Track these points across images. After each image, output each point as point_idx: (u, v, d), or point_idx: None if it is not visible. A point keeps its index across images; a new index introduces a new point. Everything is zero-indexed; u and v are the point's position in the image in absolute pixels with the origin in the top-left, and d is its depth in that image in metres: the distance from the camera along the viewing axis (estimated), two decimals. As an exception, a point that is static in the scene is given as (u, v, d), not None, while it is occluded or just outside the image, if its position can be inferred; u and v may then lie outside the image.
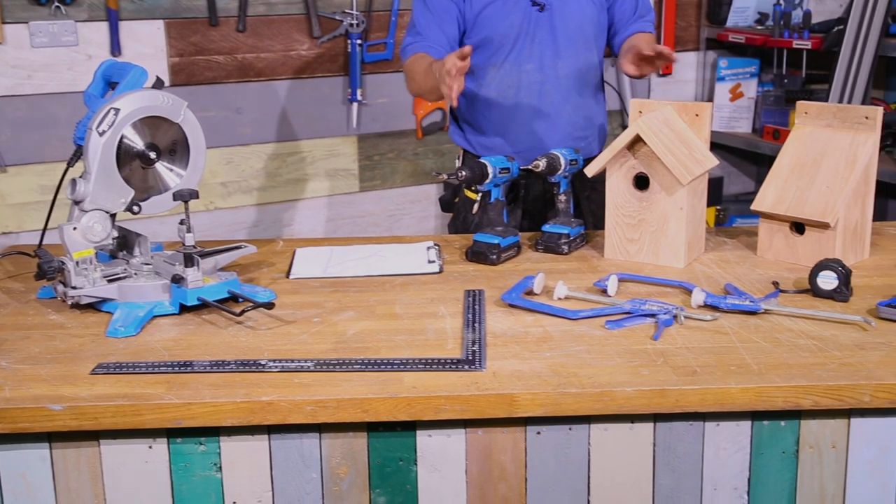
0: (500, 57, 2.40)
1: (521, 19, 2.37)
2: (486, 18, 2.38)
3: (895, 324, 1.68)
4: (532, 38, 2.38)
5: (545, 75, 2.41)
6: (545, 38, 2.39)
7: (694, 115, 2.09)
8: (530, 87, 2.42)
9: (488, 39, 2.39)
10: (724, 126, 4.44)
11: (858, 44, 3.77)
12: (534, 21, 2.38)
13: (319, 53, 3.64)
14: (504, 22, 2.37)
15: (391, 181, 3.95)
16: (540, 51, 2.39)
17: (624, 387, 1.48)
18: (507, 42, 2.39)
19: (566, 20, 2.39)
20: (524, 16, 2.37)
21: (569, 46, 2.40)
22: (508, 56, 2.40)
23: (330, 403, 1.46)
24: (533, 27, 2.38)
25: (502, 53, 2.40)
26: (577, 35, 2.41)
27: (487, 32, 2.39)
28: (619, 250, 2.09)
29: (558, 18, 2.38)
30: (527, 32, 2.38)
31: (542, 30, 2.38)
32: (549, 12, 2.38)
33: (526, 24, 2.38)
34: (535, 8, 2.37)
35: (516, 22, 2.37)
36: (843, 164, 1.98)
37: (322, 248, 2.20)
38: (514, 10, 2.37)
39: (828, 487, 1.54)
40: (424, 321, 1.76)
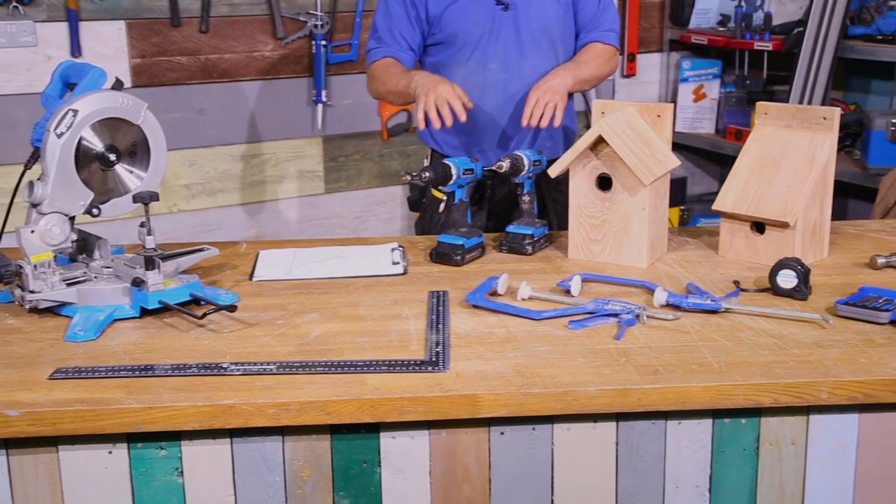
0: (465, 55, 2.41)
1: (485, 18, 2.38)
2: (449, 16, 2.39)
3: (853, 322, 1.70)
4: (496, 37, 2.39)
5: (510, 74, 2.41)
6: (509, 37, 2.39)
7: (656, 116, 2.11)
8: (495, 87, 2.42)
9: (452, 37, 2.40)
10: (688, 127, 4.48)
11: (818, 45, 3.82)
12: (498, 20, 2.38)
13: (284, 54, 3.63)
14: (468, 20, 2.38)
15: (357, 183, 3.94)
16: (504, 50, 2.40)
17: (586, 386, 1.48)
18: (471, 40, 2.39)
19: (530, 20, 2.40)
20: (488, 14, 2.38)
21: (533, 46, 2.41)
22: (473, 54, 2.40)
23: (292, 406, 1.45)
24: (497, 26, 2.39)
25: (466, 52, 2.40)
26: (542, 35, 2.42)
27: (451, 30, 2.39)
28: (582, 250, 2.10)
29: (522, 18, 2.39)
30: (491, 31, 2.39)
31: (506, 29, 2.39)
32: (513, 11, 2.38)
33: (490, 23, 2.38)
34: (499, 7, 2.37)
35: (480, 21, 2.38)
36: (801, 165, 2.01)
37: (285, 250, 2.19)
38: (479, 8, 2.38)
39: (787, 483, 1.56)
40: (388, 323, 1.75)
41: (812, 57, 3.84)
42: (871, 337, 1.64)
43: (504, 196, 2.51)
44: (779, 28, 4.10)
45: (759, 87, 4.32)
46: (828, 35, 3.79)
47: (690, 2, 4.40)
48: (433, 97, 2.19)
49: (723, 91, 4.41)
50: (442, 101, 2.18)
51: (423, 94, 2.22)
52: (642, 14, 4.39)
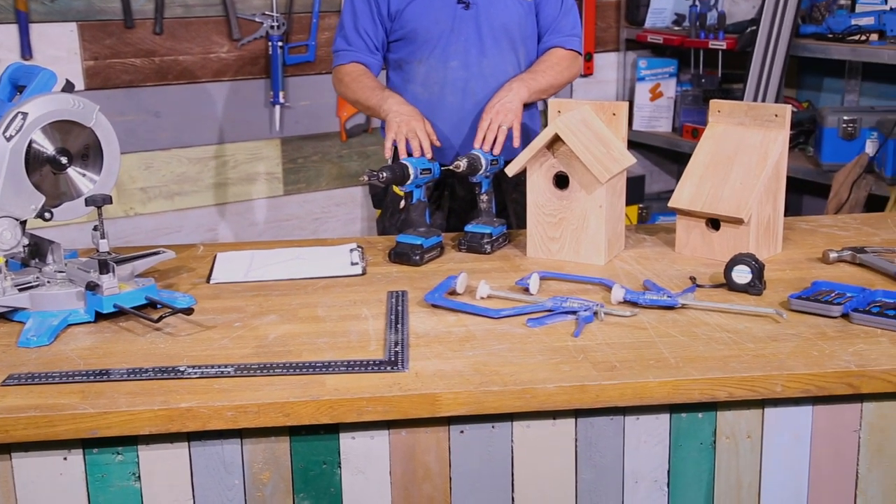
0: (425, 52, 2.41)
1: (446, 16, 2.38)
2: (410, 14, 2.38)
3: (806, 315, 1.73)
4: (457, 35, 2.39)
5: (470, 73, 2.42)
6: (470, 35, 2.40)
7: (611, 115, 2.12)
8: (455, 84, 2.42)
9: (413, 34, 2.39)
10: (645, 125, 4.52)
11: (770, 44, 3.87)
12: (459, 18, 2.38)
13: (240, 56, 3.60)
14: (428, 17, 2.38)
15: (316, 184, 3.93)
16: (465, 48, 2.40)
17: (545, 384, 1.49)
18: (431, 38, 2.39)
19: (491, 19, 2.40)
20: (449, 12, 2.38)
21: (494, 45, 2.42)
22: (433, 52, 2.40)
23: (251, 408, 1.44)
24: (458, 24, 2.39)
25: (427, 49, 2.40)
26: (502, 35, 2.42)
27: (412, 27, 2.39)
28: (540, 249, 2.11)
29: (483, 16, 2.39)
30: (452, 29, 2.39)
31: (467, 27, 2.39)
32: (474, 10, 2.38)
33: (451, 21, 2.38)
34: (460, 5, 2.37)
35: (441, 18, 2.38)
36: (754, 161, 2.03)
37: (243, 252, 2.17)
38: (440, 6, 2.37)
39: (744, 476, 1.58)
40: (347, 323, 1.75)
41: (765, 55, 3.89)
42: (823, 330, 1.66)
43: (464, 195, 2.51)
44: (732, 27, 4.15)
45: (715, 85, 4.37)
46: (780, 34, 3.84)
47: (646, 1, 4.44)
48: (405, 130, 2.21)
49: (679, 90, 4.46)
50: (412, 136, 2.20)
51: (396, 125, 2.23)
52: (598, 14, 4.43)
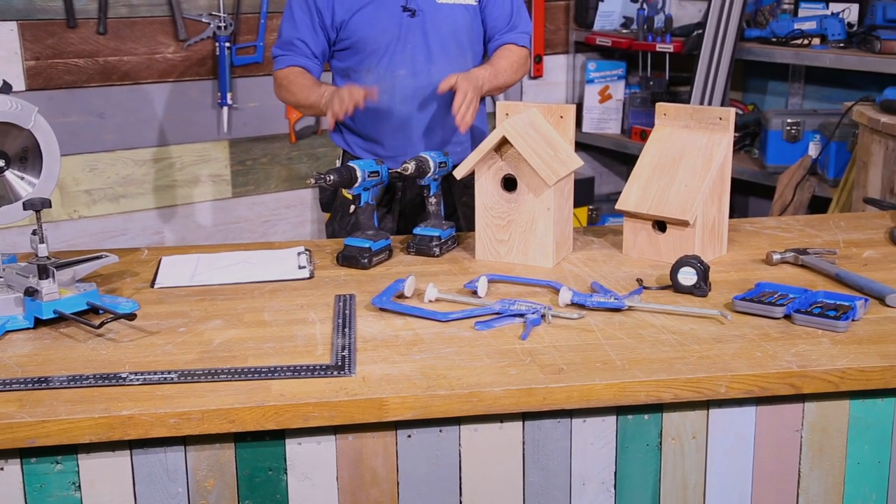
0: (373, 62, 2.39)
1: (392, 25, 2.37)
2: (356, 24, 2.37)
3: (750, 316, 1.75)
4: (404, 43, 2.38)
5: (419, 81, 2.41)
6: (417, 43, 2.39)
7: (559, 117, 2.13)
8: (404, 93, 2.41)
9: (360, 43, 2.38)
10: (594, 127, 4.56)
11: (716, 48, 3.93)
12: (405, 27, 2.37)
13: (186, 56, 3.56)
14: (375, 27, 2.36)
15: (265, 186, 3.90)
16: (412, 56, 2.39)
17: (492, 387, 1.49)
18: (379, 47, 2.38)
19: (438, 26, 2.39)
20: (395, 21, 2.37)
21: (441, 53, 2.41)
22: (381, 61, 2.39)
23: (194, 415, 1.42)
24: (405, 33, 2.38)
25: (374, 58, 2.39)
26: (450, 41, 2.42)
27: (359, 36, 2.37)
28: (489, 251, 2.11)
29: (430, 24, 2.39)
30: (398, 38, 2.38)
31: (414, 36, 2.38)
32: (420, 18, 2.37)
33: (397, 30, 2.37)
34: (406, 14, 2.36)
35: (387, 27, 2.37)
36: (700, 164, 2.06)
37: (189, 255, 2.14)
38: (386, 15, 2.36)
39: (690, 476, 1.59)
40: (294, 328, 1.73)
41: (711, 58, 3.95)
42: (766, 331, 1.69)
43: (414, 198, 2.50)
44: (679, 30, 4.20)
45: (663, 87, 4.42)
46: (725, 37, 3.90)
47: (594, 4, 4.48)
48: (336, 99, 2.23)
49: (627, 92, 4.50)
50: (341, 98, 2.22)
51: (328, 102, 2.27)
52: (548, 16, 4.45)
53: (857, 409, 1.59)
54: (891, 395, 1.59)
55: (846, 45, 3.74)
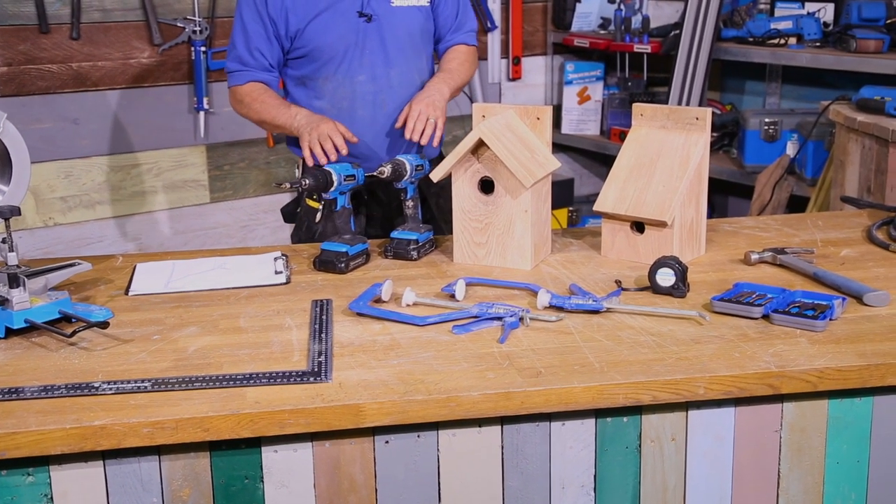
0: (331, 69, 2.37)
1: (348, 31, 2.34)
2: (311, 32, 2.34)
3: (728, 317, 1.75)
4: (361, 49, 2.36)
5: (378, 86, 2.39)
6: (375, 48, 2.37)
7: (535, 119, 2.12)
8: (364, 98, 2.39)
9: (317, 51, 2.35)
10: (574, 129, 4.56)
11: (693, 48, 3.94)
12: (362, 32, 2.35)
13: (161, 61, 3.53)
14: (331, 34, 2.34)
15: (243, 191, 3.87)
16: (371, 61, 2.37)
17: (470, 391, 1.48)
18: (336, 54, 2.35)
19: (395, 29, 2.38)
20: (351, 27, 2.34)
21: (399, 56, 2.40)
22: (339, 68, 2.37)
23: (168, 424, 1.40)
24: (362, 38, 2.35)
25: (332, 65, 2.36)
26: (407, 43, 2.41)
27: (315, 45, 2.35)
28: (467, 254, 2.10)
29: (386, 28, 2.37)
30: (355, 44, 2.35)
31: (371, 41, 2.36)
32: (376, 22, 2.35)
33: (354, 36, 2.35)
34: (362, 19, 2.34)
35: (344, 33, 2.34)
36: (677, 164, 2.05)
37: (164, 262, 2.12)
38: (341, 21, 2.33)
39: (669, 478, 1.59)
40: (270, 334, 1.71)
41: (688, 59, 3.95)
42: (745, 332, 1.68)
43: (388, 202, 2.49)
44: (657, 31, 4.21)
45: (641, 88, 4.43)
46: (702, 38, 3.91)
47: (572, 5, 4.48)
48: (316, 135, 2.23)
49: (606, 93, 4.51)
50: (325, 138, 2.21)
51: (307, 133, 2.26)
52: (526, 18, 4.45)
53: (835, 408, 1.59)
54: (868, 394, 1.59)
55: (822, 44, 3.76)
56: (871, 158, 2.82)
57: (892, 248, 2.10)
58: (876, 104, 2.86)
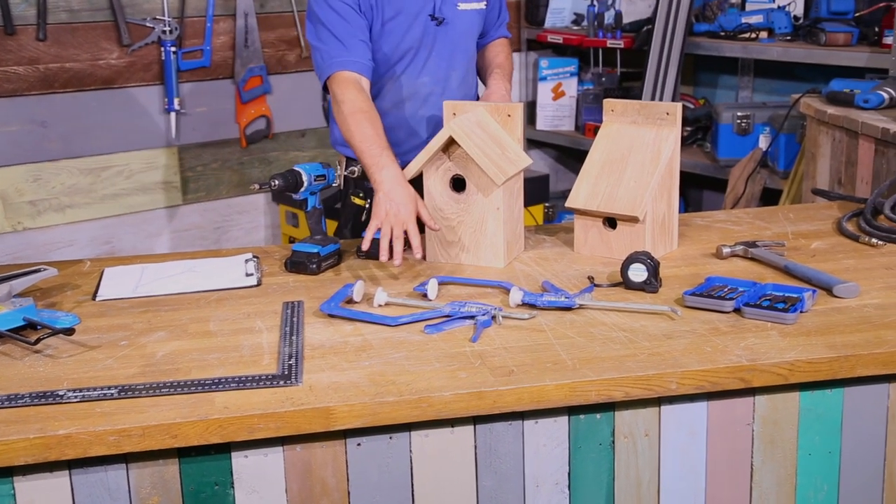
0: (399, 70, 2.33)
1: (421, 32, 2.31)
2: (388, 33, 2.28)
3: (700, 311, 1.75)
4: (429, 51, 2.34)
5: (439, 87, 2.36)
6: (441, 51, 2.34)
7: (506, 116, 2.11)
8: (426, 99, 2.35)
9: (388, 51, 2.30)
10: (549, 125, 4.55)
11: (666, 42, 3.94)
12: (431, 35, 2.33)
13: (131, 62, 3.49)
14: (406, 35, 2.31)
15: (216, 192, 3.84)
16: (436, 63, 2.35)
17: (442, 391, 1.47)
18: (406, 56, 2.32)
19: (460, 32, 2.36)
20: (424, 29, 2.32)
21: (461, 57, 2.38)
22: (407, 68, 2.33)
23: (135, 431, 1.38)
24: (430, 41, 2.33)
25: (400, 67, 2.32)
26: (469, 45, 2.40)
27: (388, 44, 2.29)
28: (439, 253, 2.08)
29: (453, 31, 2.35)
30: (425, 45, 2.33)
31: (439, 43, 2.34)
32: (445, 26, 2.34)
33: (425, 38, 2.33)
34: (433, 22, 2.32)
35: (417, 35, 2.31)
36: (648, 160, 2.05)
37: (133, 266, 2.09)
38: (416, 23, 2.30)
39: (643, 474, 1.58)
40: (240, 337, 1.70)
41: (661, 54, 3.96)
42: (716, 326, 1.68)
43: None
44: (629, 26, 4.21)
45: (615, 83, 4.43)
46: (674, 32, 3.91)
47: (545, 1, 4.48)
48: (391, 222, 1.97)
49: (580, 89, 4.51)
50: (399, 234, 1.97)
51: (384, 213, 1.99)
52: (498, 14, 4.43)
53: (806, 400, 1.59)
54: (839, 385, 1.59)
55: (793, 38, 3.77)
56: (841, 151, 2.83)
57: (862, 240, 2.11)
58: (845, 97, 2.88)
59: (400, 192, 2.01)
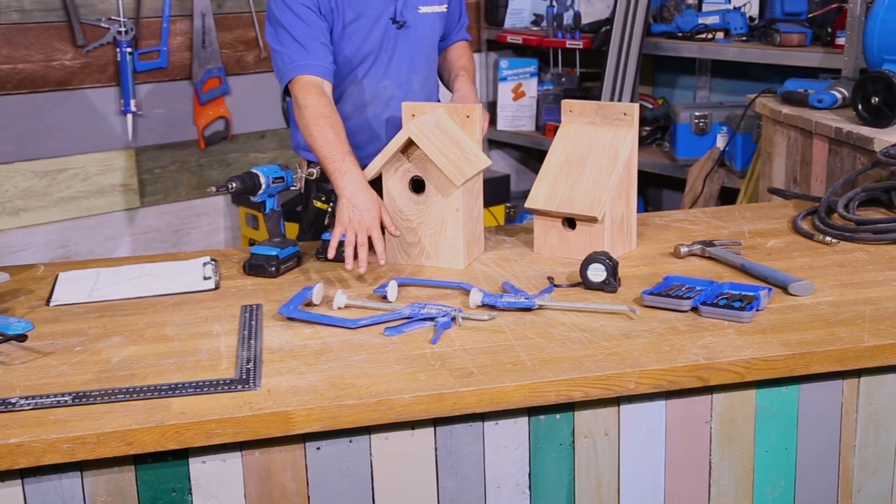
0: (360, 73, 2.31)
1: (382, 36, 2.30)
2: (349, 36, 2.27)
3: (659, 311, 1.76)
4: (391, 54, 2.32)
5: (401, 90, 2.35)
6: (403, 54, 2.33)
7: (465, 117, 2.11)
8: (388, 103, 2.34)
9: (350, 54, 2.28)
10: (509, 125, 4.57)
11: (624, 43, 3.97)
12: (393, 38, 2.31)
13: (86, 63, 3.44)
14: (367, 38, 2.29)
15: (175, 194, 3.80)
16: (397, 67, 2.33)
17: (402, 394, 1.46)
18: (367, 59, 2.30)
19: (421, 36, 2.35)
20: (385, 33, 2.30)
21: (423, 61, 2.37)
22: (368, 72, 2.31)
23: (89, 439, 1.36)
24: (392, 44, 2.32)
25: (362, 70, 2.31)
26: (430, 49, 2.39)
27: (350, 48, 2.28)
28: (399, 254, 2.08)
29: (414, 35, 2.33)
30: (386, 49, 2.31)
31: (400, 47, 2.32)
32: (406, 29, 2.32)
33: (386, 41, 2.31)
34: (394, 25, 2.30)
35: (378, 38, 2.29)
36: (606, 160, 2.06)
37: (88, 270, 2.06)
38: (376, 27, 2.29)
39: (603, 474, 1.59)
40: (197, 342, 1.68)
41: (620, 54, 3.98)
42: (674, 325, 1.69)
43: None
44: (588, 27, 4.23)
45: (574, 84, 4.45)
46: (633, 33, 3.94)
47: (504, 2, 4.49)
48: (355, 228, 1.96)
49: (540, 89, 4.53)
50: (363, 240, 1.96)
51: (347, 219, 1.98)
52: (458, 15, 4.44)
53: (763, 397, 1.61)
54: (794, 382, 1.61)
55: (748, 38, 3.82)
56: (796, 150, 2.87)
57: (817, 238, 2.13)
58: (800, 97, 2.91)
59: (363, 199, 2.00)
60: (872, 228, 2.13)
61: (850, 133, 2.57)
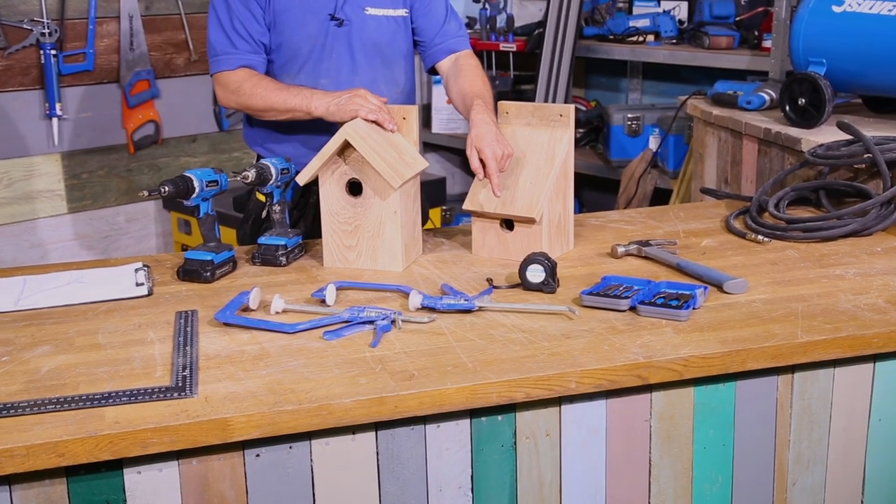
0: (295, 67, 2.27)
1: (317, 31, 2.26)
2: (282, 25, 2.24)
3: (597, 311, 1.77)
4: (329, 52, 2.28)
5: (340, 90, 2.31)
6: (342, 53, 2.29)
7: (402, 119, 2.10)
8: None
9: (282, 46, 2.25)
10: (444, 128, 4.57)
11: (557, 45, 4.00)
12: (331, 35, 2.27)
13: (8, 65, 3.34)
14: (300, 32, 2.25)
15: (104, 200, 3.72)
16: (337, 66, 2.29)
17: (342, 398, 1.44)
18: (301, 52, 2.27)
19: (365, 37, 2.30)
20: (321, 28, 2.26)
21: (366, 63, 2.32)
22: (303, 67, 2.27)
23: (18, 451, 1.31)
24: (330, 41, 2.28)
25: (296, 64, 2.27)
26: (376, 52, 2.33)
27: (282, 39, 2.25)
28: (337, 258, 2.06)
29: (356, 35, 2.29)
30: (323, 46, 2.27)
31: (339, 45, 2.28)
32: (347, 28, 2.28)
33: (322, 38, 2.27)
34: (333, 22, 2.26)
35: (312, 33, 2.26)
36: (543, 161, 2.07)
37: (14, 278, 2.00)
38: (312, 21, 2.25)
39: (545, 473, 1.59)
40: (130, 349, 1.63)
41: (553, 56, 4.02)
42: (613, 324, 1.71)
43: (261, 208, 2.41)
44: (521, 29, 4.26)
45: (509, 86, 4.47)
46: (565, 36, 3.98)
47: (438, 5, 4.48)
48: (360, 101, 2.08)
49: (474, 92, 4.53)
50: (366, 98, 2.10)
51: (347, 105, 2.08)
52: (391, 18, 4.42)
53: (700, 395, 1.63)
54: (731, 379, 1.64)
55: (678, 41, 3.88)
56: (727, 151, 2.92)
57: (749, 237, 2.17)
58: (729, 98, 2.97)
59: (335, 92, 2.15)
60: (802, 227, 2.18)
61: (779, 134, 2.63)
